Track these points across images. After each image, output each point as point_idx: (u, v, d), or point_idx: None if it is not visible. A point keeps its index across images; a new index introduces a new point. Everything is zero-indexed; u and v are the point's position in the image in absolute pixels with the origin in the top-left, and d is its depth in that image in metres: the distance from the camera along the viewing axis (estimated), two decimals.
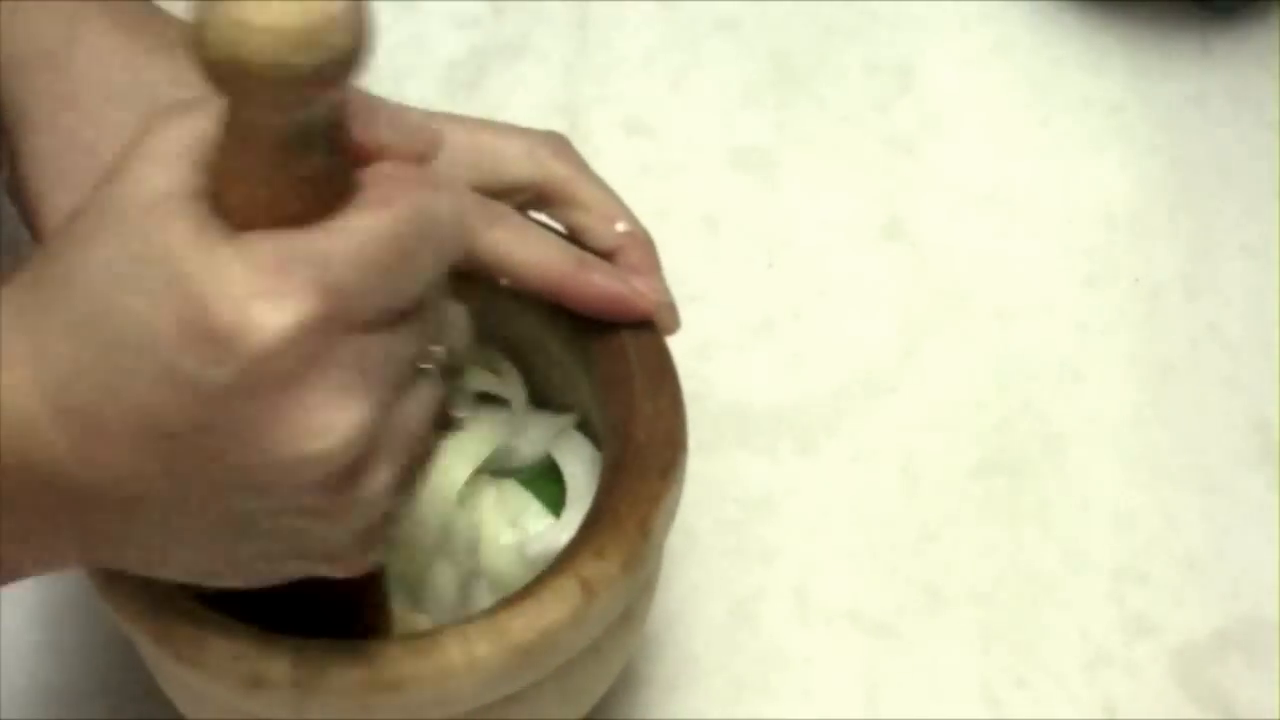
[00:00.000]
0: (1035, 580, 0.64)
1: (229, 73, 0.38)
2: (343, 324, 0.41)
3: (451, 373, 0.46)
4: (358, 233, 0.41)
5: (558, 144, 0.56)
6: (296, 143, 0.40)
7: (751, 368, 0.69)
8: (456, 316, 0.47)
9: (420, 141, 0.44)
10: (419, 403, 0.44)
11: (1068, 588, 0.64)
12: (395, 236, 0.41)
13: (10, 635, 0.63)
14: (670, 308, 0.55)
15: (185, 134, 0.41)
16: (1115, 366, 0.69)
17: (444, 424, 0.46)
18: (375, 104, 0.44)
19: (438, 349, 0.45)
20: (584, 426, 0.58)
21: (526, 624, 0.48)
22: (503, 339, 0.57)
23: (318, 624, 0.49)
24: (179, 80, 0.54)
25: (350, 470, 0.42)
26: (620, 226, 0.55)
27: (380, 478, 0.43)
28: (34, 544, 0.44)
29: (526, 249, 0.54)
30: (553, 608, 0.49)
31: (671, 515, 0.52)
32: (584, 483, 0.55)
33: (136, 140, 0.42)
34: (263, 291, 0.40)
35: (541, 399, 0.59)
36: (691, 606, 0.63)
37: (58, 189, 0.53)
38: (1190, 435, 0.67)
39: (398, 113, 0.44)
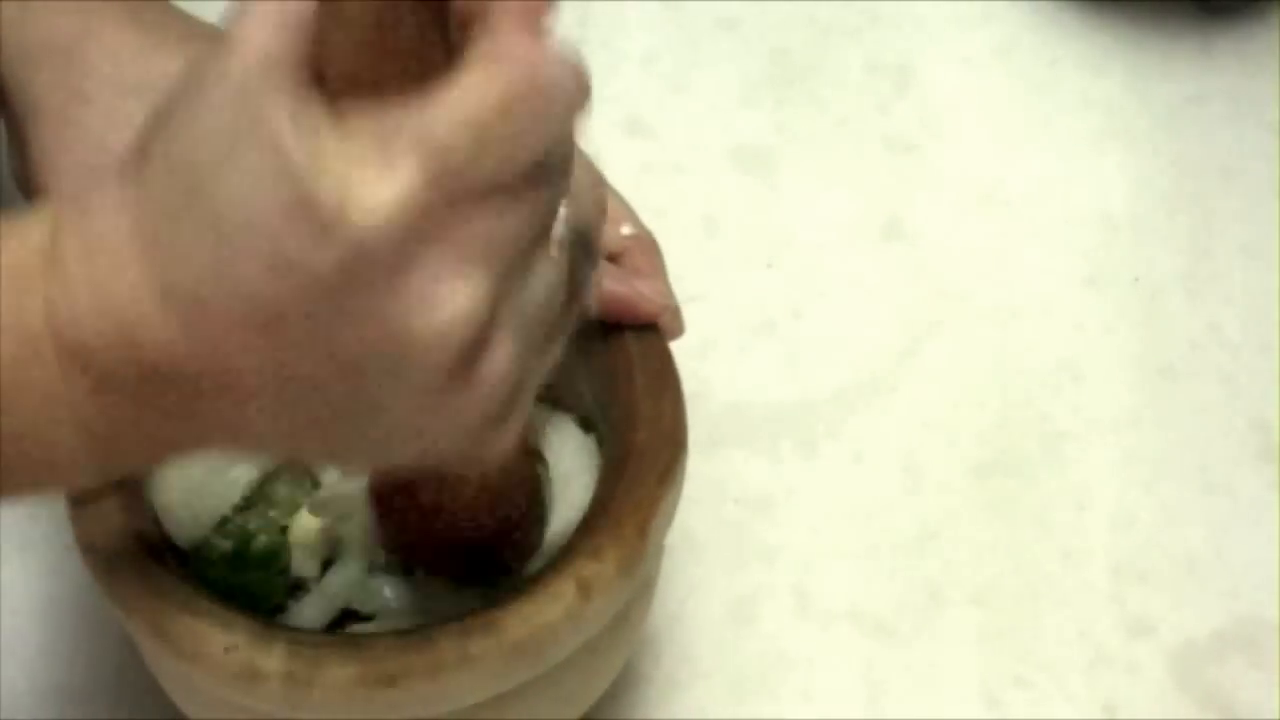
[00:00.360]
0: (1035, 580, 0.64)
1: None
2: (452, 195, 0.39)
3: (584, 245, 0.44)
4: (462, 96, 0.39)
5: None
6: (396, 9, 0.39)
7: (751, 368, 0.69)
8: (588, 184, 0.45)
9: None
10: (544, 277, 0.42)
11: (1068, 588, 0.64)
12: (503, 98, 0.39)
13: (10, 635, 0.63)
14: (675, 312, 0.55)
15: (280, 3, 0.40)
16: (1115, 366, 0.69)
17: (575, 298, 0.45)
18: None
19: (564, 218, 0.43)
20: (584, 427, 0.57)
21: (521, 622, 0.48)
22: None
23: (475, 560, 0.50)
24: None
25: (470, 348, 0.41)
26: (626, 229, 0.55)
27: (502, 356, 0.42)
28: (146, 431, 0.43)
29: None
30: (548, 607, 0.49)
31: (670, 518, 0.52)
32: (574, 471, 0.55)
33: (240, 9, 0.40)
34: (364, 166, 0.38)
35: (542, 400, 0.58)
36: (691, 606, 0.63)
37: (67, 181, 0.53)
38: (1190, 435, 0.67)
39: None
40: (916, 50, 0.76)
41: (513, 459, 0.51)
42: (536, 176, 0.41)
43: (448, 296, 0.40)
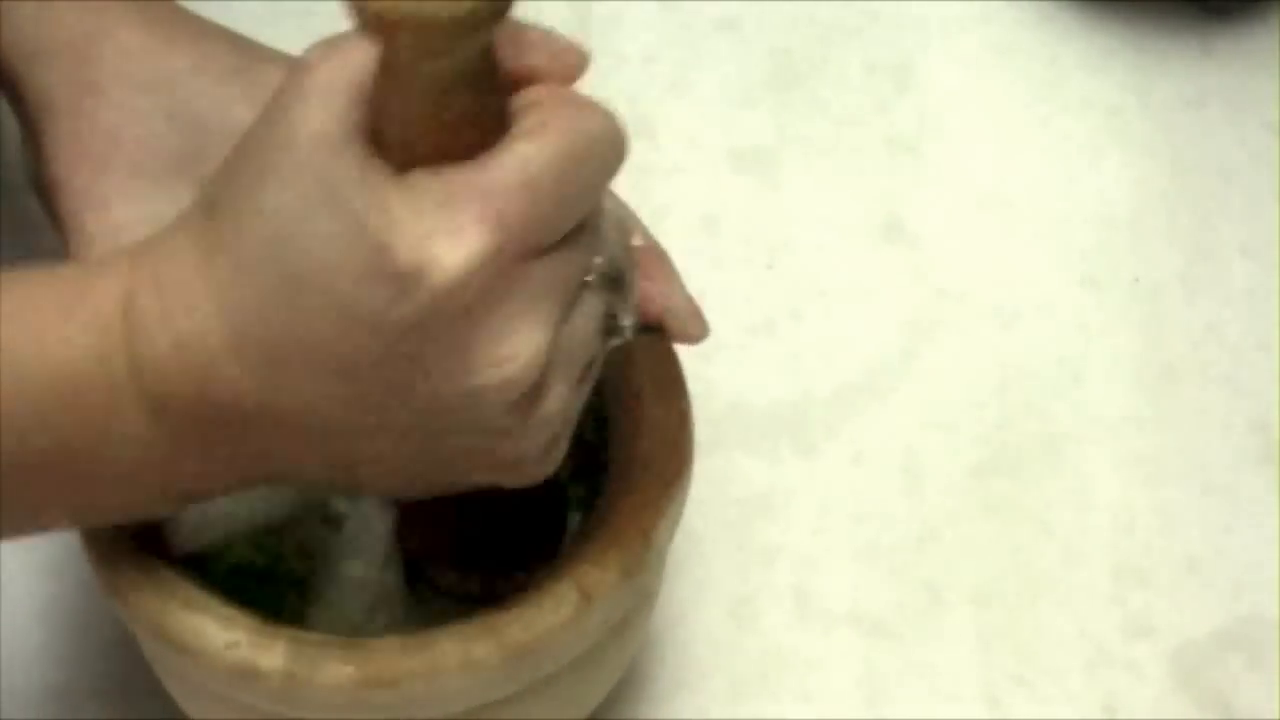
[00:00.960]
0: (1035, 580, 0.64)
1: (389, 23, 0.40)
2: (516, 253, 0.42)
3: (614, 280, 0.47)
4: (522, 162, 0.42)
5: None
6: (454, 84, 0.41)
7: (751, 368, 0.69)
8: (615, 223, 0.48)
9: (568, 62, 0.45)
10: (586, 316, 0.46)
11: (1068, 588, 0.64)
12: (558, 161, 0.42)
13: (10, 635, 0.63)
14: (692, 315, 0.55)
15: (340, 71, 0.42)
16: (1115, 367, 0.69)
17: (611, 331, 0.48)
18: (521, 29, 0.44)
19: (599, 259, 0.46)
20: (579, 438, 0.57)
21: (523, 626, 0.48)
22: None
23: (503, 535, 0.52)
24: (202, 69, 0.54)
25: (532, 392, 0.44)
26: (635, 241, 0.55)
27: (559, 393, 0.45)
28: (219, 468, 0.46)
29: None
30: (550, 612, 0.49)
31: (674, 525, 0.52)
32: None
33: (292, 77, 0.42)
34: (436, 228, 0.41)
35: None
36: (692, 606, 0.63)
37: (79, 173, 0.53)
38: (1190, 435, 0.67)
39: (544, 35, 0.45)
40: (916, 50, 0.76)
41: None
42: (583, 225, 0.44)
43: (514, 347, 0.43)
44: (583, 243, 0.44)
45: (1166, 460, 0.67)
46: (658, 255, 0.55)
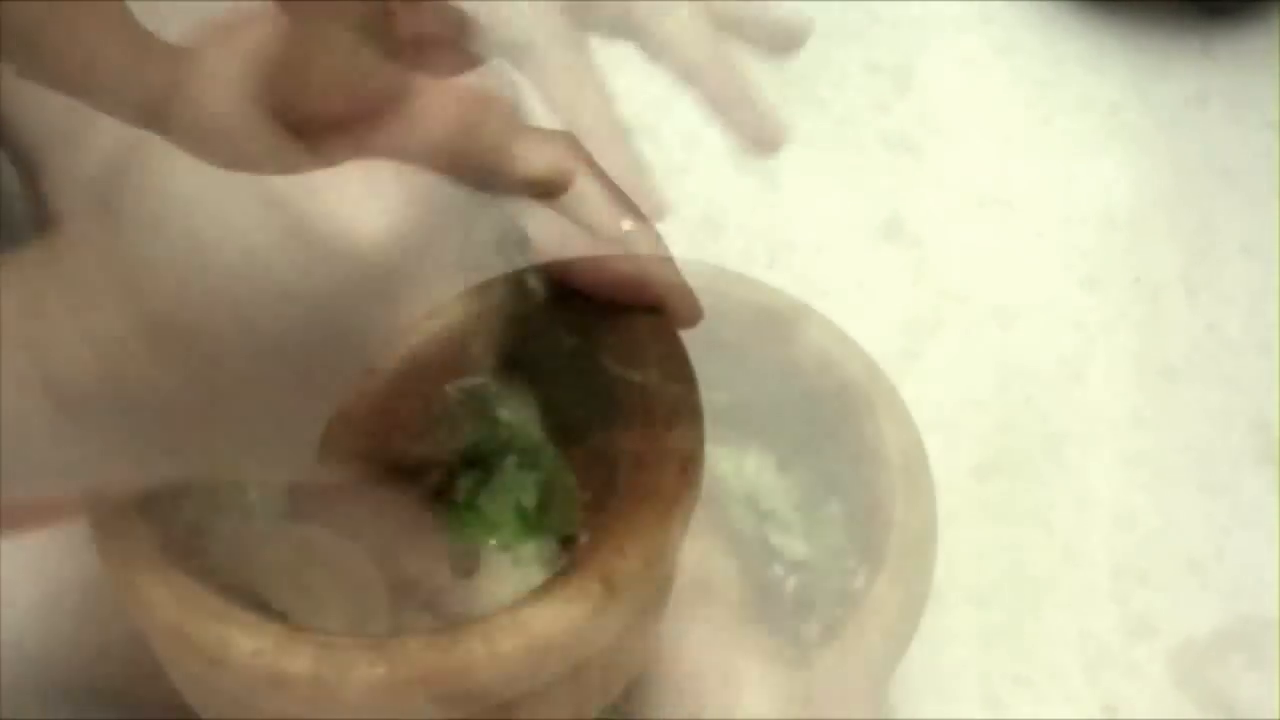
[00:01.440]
0: (1035, 580, 0.64)
1: None
2: (431, 207, 0.42)
3: (519, 243, 0.49)
4: (429, 119, 0.42)
5: (566, 142, 0.56)
6: (356, 49, 0.41)
7: (752, 368, 0.69)
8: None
9: (453, 22, 0.46)
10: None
11: (1068, 588, 0.64)
12: (464, 115, 0.42)
13: (10, 635, 0.63)
14: (692, 298, 0.55)
15: (240, 49, 0.41)
16: (1115, 366, 0.69)
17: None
18: None
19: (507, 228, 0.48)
20: (571, 431, 0.57)
21: (549, 620, 0.48)
22: (524, 363, 0.57)
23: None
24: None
25: None
26: (627, 225, 0.55)
27: None
28: (122, 463, 0.45)
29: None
30: (575, 604, 0.49)
31: (691, 510, 0.52)
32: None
33: (191, 60, 0.41)
34: (357, 193, 0.41)
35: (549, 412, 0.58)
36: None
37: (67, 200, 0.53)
38: (1190, 435, 0.67)
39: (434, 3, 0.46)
40: (916, 50, 0.77)
41: None
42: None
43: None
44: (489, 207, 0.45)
45: (1166, 460, 0.67)
46: (655, 237, 0.55)
